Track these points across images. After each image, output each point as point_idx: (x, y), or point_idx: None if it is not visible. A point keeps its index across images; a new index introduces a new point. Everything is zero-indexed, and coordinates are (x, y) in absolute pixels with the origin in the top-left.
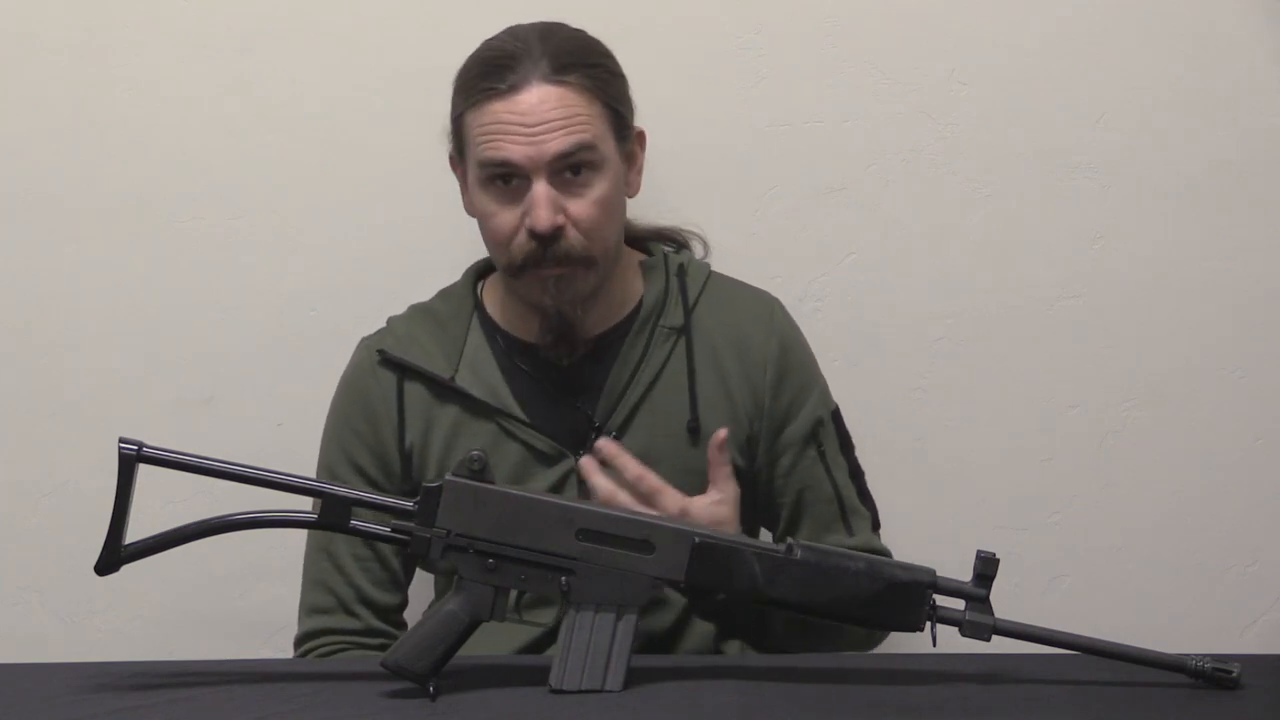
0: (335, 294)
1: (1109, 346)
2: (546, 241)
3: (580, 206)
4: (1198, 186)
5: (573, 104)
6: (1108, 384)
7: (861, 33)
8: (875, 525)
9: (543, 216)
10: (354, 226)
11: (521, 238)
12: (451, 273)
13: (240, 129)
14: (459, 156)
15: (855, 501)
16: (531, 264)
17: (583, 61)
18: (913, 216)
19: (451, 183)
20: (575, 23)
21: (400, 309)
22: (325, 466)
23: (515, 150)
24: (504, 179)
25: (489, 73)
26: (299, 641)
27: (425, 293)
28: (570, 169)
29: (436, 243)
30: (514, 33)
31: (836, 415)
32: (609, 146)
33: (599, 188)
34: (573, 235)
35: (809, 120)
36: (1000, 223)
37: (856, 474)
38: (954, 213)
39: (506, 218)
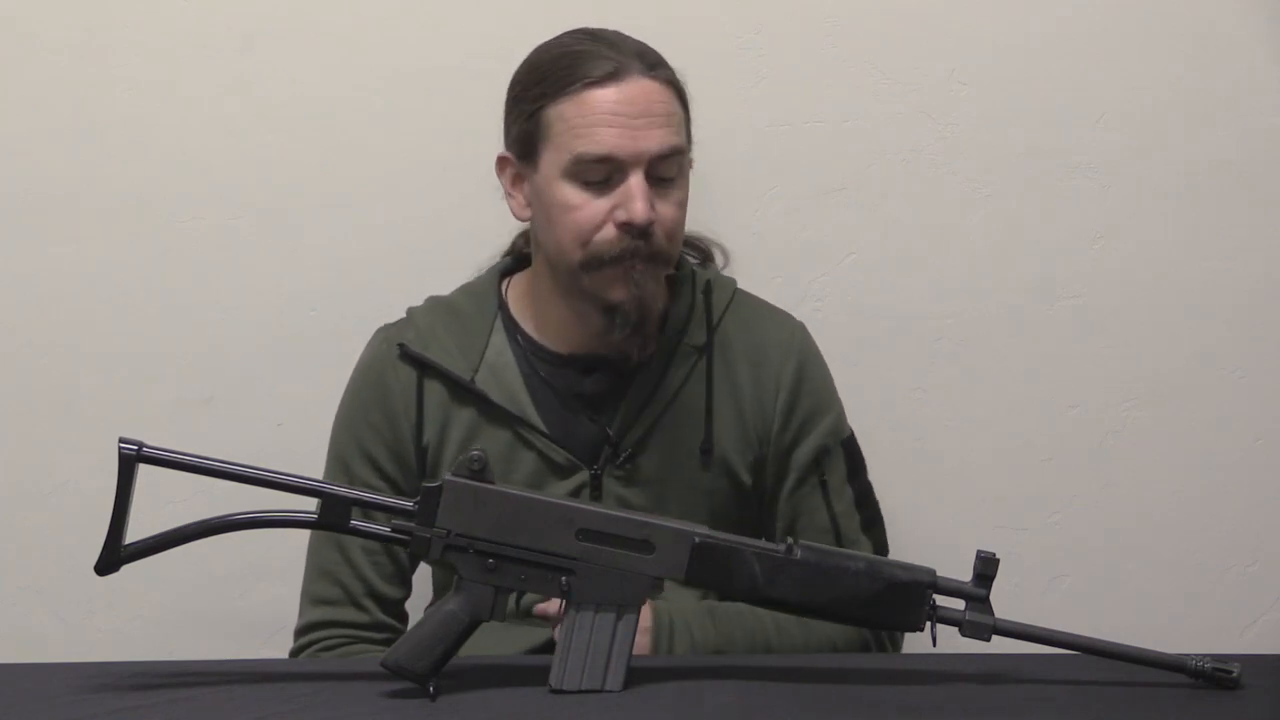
0: (335, 294)
1: (1109, 346)
2: (640, 234)
3: (666, 207)
4: (1198, 186)
5: (668, 101)
6: (1108, 384)
7: (861, 33)
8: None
9: (642, 209)
10: (354, 226)
11: (609, 231)
12: (452, 273)
13: (240, 129)
14: (524, 155)
15: (855, 533)
16: (624, 258)
17: (666, 64)
18: (913, 216)
19: (452, 183)
20: (578, 22)
21: (400, 310)
22: (337, 456)
23: (617, 142)
24: (594, 171)
25: (580, 64)
26: (301, 631)
27: (426, 293)
28: (661, 169)
29: (437, 243)
30: (587, 32)
31: (849, 443)
32: (688, 151)
33: (682, 190)
34: (659, 233)
35: (809, 120)
36: (1000, 223)
37: (864, 504)
38: (954, 213)
39: (592, 211)
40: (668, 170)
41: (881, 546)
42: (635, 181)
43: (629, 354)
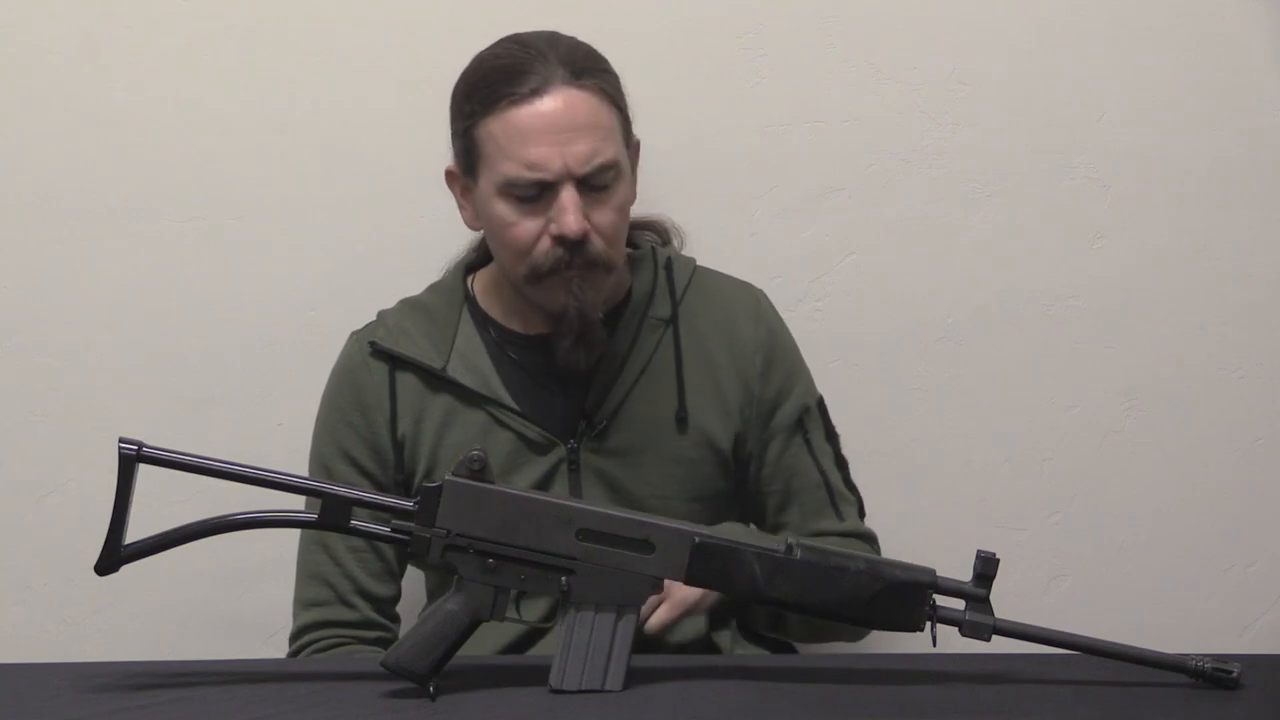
0: (335, 294)
1: (1109, 347)
2: (574, 247)
3: (602, 214)
4: (1198, 186)
5: (595, 110)
6: (1108, 384)
7: (861, 33)
8: (861, 512)
9: (573, 222)
10: (353, 227)
11: (545, 244)
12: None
13: (240, 129)
14: (466, 170)
15: (842, 488)
16: (559, 269)
17: (595, 67)
18: (913, 216)
19: None
20: (576, 22)
21: None
22: (318, 459)
23: (542, 161)
24: (526, 189)
25: (505, 79)
26: (295, 635)
27: None
28: (593, 179)
29: (436, 242)
30: (518, 40)
31: (821, 405)
32: (623, 153)
33: (618, 194)
34: (596, 241)
35: (809, 120)
36: (1000, 223)
37: (842, 463)
38: (954, 213)
39: (528, 226)
40: (600, 179)
41: (861, 503)
42: (566, 196)
43: (575, 364)
